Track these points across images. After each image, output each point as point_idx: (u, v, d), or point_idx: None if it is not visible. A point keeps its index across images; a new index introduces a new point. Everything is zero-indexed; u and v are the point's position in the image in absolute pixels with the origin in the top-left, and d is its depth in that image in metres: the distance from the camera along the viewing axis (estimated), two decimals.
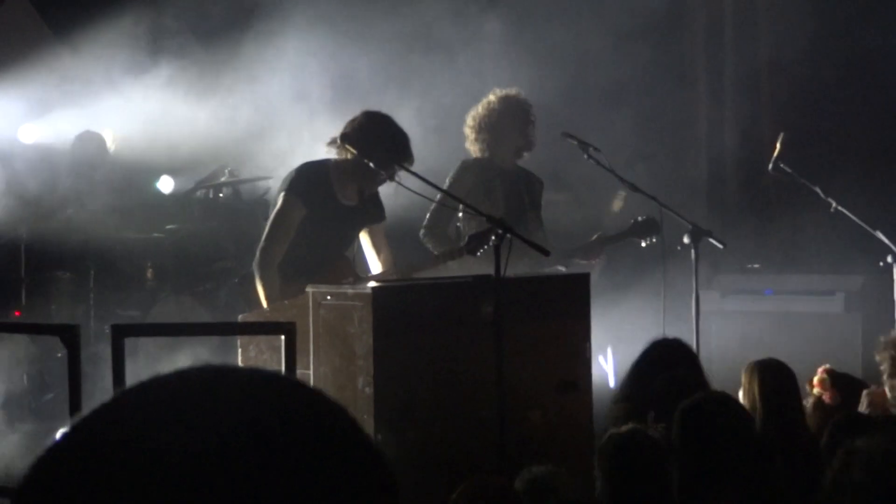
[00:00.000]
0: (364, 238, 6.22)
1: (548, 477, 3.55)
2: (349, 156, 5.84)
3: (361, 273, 6.14)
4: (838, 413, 4.61)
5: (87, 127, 8.98)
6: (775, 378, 4.64)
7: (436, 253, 6.45)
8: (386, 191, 6.14)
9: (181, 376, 1.07)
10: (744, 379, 4.75)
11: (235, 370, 1.10)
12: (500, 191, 6.86)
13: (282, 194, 5.95)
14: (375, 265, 6.24)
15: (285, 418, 1.04)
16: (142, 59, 9.09)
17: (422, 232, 6.81)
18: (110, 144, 9.10)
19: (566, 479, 3.48)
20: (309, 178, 5.93)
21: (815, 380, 4.86)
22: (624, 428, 3.85)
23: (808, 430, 4.60)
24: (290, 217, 5.86)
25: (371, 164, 5.76)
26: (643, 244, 7.01)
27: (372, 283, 5.40)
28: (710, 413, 3.76)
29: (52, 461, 1.02)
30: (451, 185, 6.76)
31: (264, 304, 5.74)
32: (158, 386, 1.06)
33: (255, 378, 1.09)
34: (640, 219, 7.03)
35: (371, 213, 6.11)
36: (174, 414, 1.03)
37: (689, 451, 3.68)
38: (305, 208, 5.86)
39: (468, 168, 6.88)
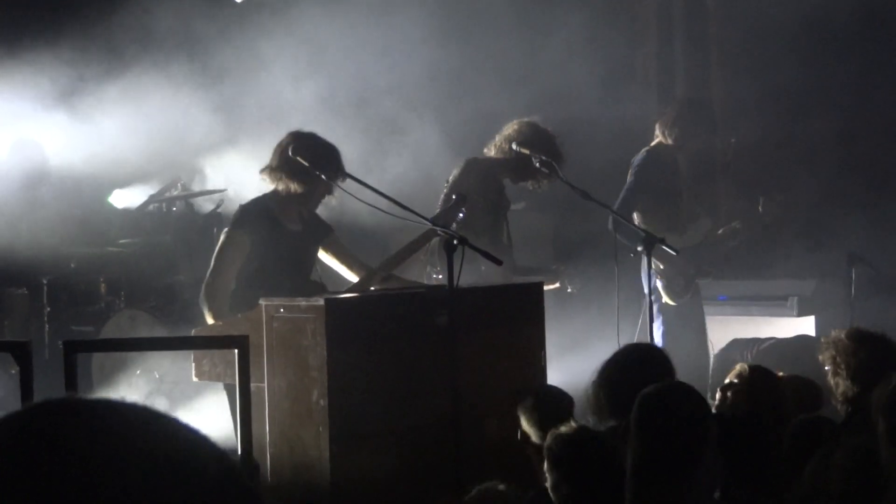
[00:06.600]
0: (327, 257, 6.15)
1: (496, 495, 3.55)
2: (280, 185, 5.88)
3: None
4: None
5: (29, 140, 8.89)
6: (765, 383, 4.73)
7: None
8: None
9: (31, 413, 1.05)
10: (737, 378, 4.77)
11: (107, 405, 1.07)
12: (495, 192, 7.01)
13: (224, 231, 6.02)
14: (351, 277, 6.13)
15: (152, 453, 1.02)
16: (91, 72, 9.02)
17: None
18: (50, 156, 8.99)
19: (514, 495, 3.48)
20: (251, 212, 5.96)
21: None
22: (571, 426, 3.88)
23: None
24: (232, 249, 5.86)
25: (300, 188, 5.82)
26: (569, 290, 7.12)
27: (340, 295, 5.37)
28: (671, 400, 3.76)
29: None
30: (454, 182, 6.92)
31: None
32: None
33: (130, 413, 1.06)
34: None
35: (316, 231, 6.10)
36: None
37: (646, 437, 3.68)
38: (249, 238, 5.84)
39: (471, 169, 6.98)
